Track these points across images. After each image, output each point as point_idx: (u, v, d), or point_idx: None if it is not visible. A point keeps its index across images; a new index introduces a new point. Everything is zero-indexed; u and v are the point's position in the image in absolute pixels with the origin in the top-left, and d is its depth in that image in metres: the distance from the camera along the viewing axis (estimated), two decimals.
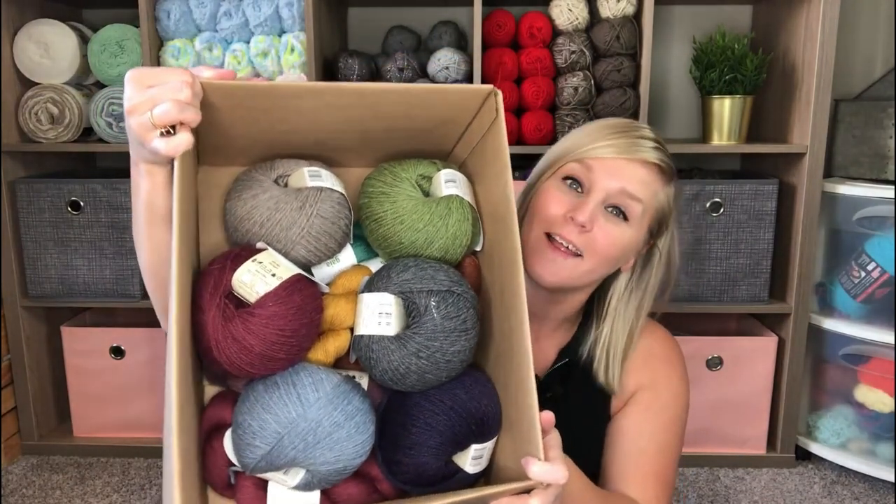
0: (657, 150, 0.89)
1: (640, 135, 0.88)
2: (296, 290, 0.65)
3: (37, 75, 1.77)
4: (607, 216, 0.86)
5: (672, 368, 0.97)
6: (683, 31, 1.98)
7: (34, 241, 1.78)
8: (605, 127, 0.89)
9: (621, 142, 0.86)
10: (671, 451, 0.93)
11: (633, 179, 0.86)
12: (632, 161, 0.86)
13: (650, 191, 0.87)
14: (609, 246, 0.86)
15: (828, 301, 1.79)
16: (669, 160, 0.90)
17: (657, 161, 0.88)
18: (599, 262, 0.87)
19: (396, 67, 1.71)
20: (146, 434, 1.89)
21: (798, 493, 1.71)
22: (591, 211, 0.85)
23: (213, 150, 0.74)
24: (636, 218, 0.87)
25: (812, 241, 1.71)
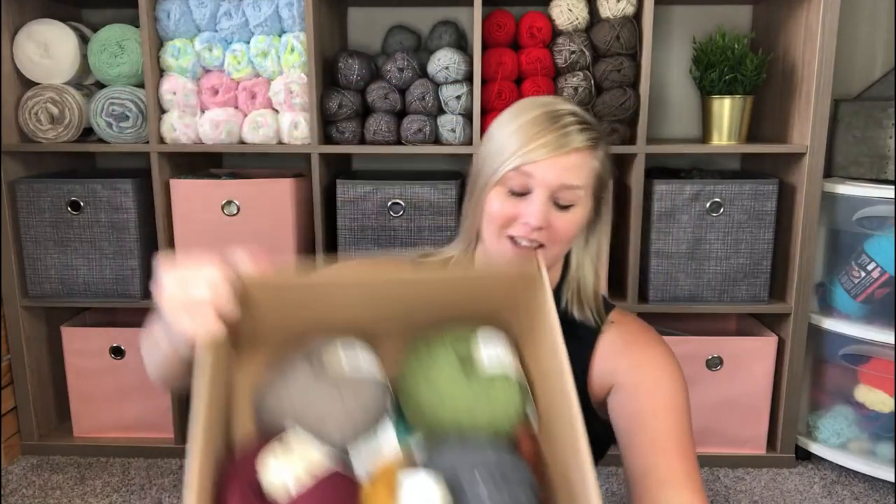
0: (584, 129, 0.90)
1: (564, 123, 0.89)
2: (331, 489, 0.59)
3: (37, 75, 1.77)
4: (555, 208, 0.90)
5: (652, 348, 0.97)
6: (683, 31, 1.98)
7: (34, 241, 1.78)
8: (529, 124, 0.90)
9: (550, 138, 0.88)
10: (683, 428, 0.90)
11: (569, 172, 0.89)
12: (565, 154, 0.88)
13: (587, 170, 0.91)
14: (567, 231, 0.91)
15: (828, 301, 1.79)
16: (594, 128, 0.92)
17: (586, 143, 0.90)
18: (562, 246, 0.93)
19: (396, 67, 1.71)
20: (146, 434, 1.89)
21: (798, 493, 1.71)
22: (540, 211, 0.88)
23: (244, 335, 0.72)
24: (580, 199, 0.91)
25: (812, 241, 1.71)
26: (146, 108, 1.74)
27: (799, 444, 1.83)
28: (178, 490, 1.71)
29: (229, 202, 1.74)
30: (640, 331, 1.01)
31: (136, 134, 1.76)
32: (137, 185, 1.76)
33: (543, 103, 0.93)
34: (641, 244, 1.75)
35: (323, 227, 1.77)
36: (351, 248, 1.75)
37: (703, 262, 1.74)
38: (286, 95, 1.72)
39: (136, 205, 1.76)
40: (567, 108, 0.92)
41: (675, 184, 1.71)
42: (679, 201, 1.71)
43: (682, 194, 1.71)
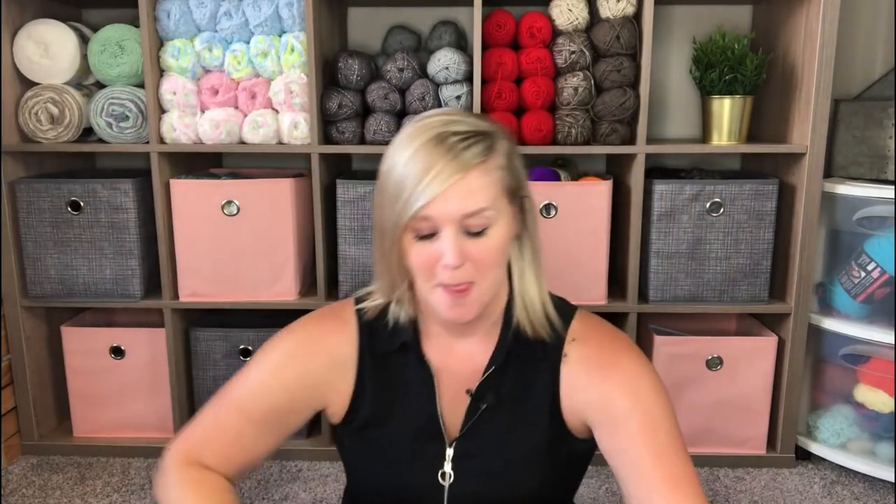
0: (469, 142, 0.83)
1: (448, 146, 0.81)
2: None
3: (37, 75, 1.77)
4: (469, 238, 0.83)
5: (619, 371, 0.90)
6: (683, 31, 1.98)
7: (34, 241, 1.78)
8: (413, 160, 0.82)
9: (437, 171, 0.80)
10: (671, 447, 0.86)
11: (468, 198, 0.82)
12: (457, 182, 0.81)
13: (488, 186, 0.83)
14: (489, 259, 0.85)
15: (828, 301, 1.79)
16: (482, 133, 0.84)
17: (478, 157, 0.82)
18: (491, 274, 0.86)
19: (396, 67, 1.71)
20: (146, 434, 1.89)
21: (798, 493, 1.71)
22: (453, 249, 0.82)
23: None
24: (492, 219, 0.84)
25: (812, 241, 1.71)
26: (146, 108, 1.74)
27: (799, 444, 1.83)
28: None
29: (229, 202, 1.74)
30: (602, 346, 0.93)
31: (136, 134, 1.76)
32: (137, 185, 1.76)
33: (423, 131, 0.84)
34: (641, 244, 1.75)
35: (323, 227, 1.77)
36: (351, 248, 1.75)
37: (703, 262, 1.74)
38: (286, 95, 1.72)
39: (136, 205, 1.76)
40: (450, 125, 0.84)
41: (675, 184, 1.71)
42: (679, 201, 1.71)
43: (682, 194, 1.71)
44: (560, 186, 1.73)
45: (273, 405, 0.93)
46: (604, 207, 1.73)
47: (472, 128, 0.85)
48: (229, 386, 0.95)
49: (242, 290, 1.79)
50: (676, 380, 1.78)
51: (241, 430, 0.92)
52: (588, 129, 1.72)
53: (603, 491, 1.71)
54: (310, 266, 1.88)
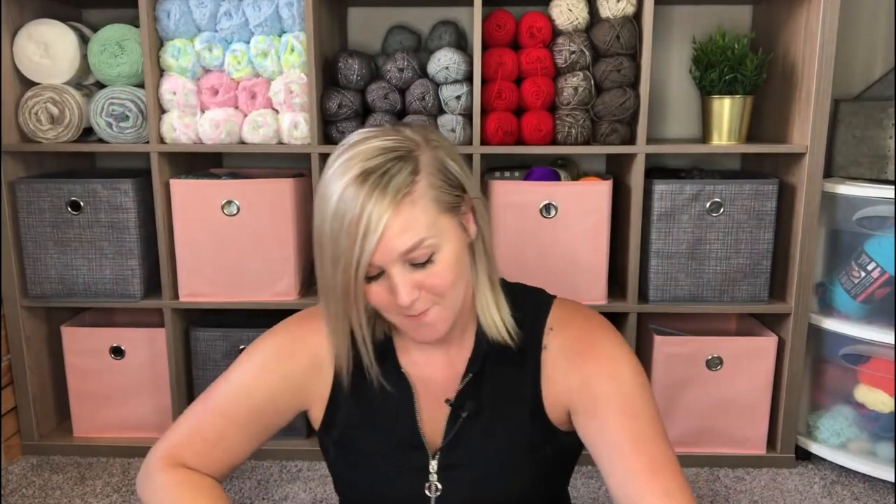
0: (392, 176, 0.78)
1: (370, 188, 0.77)
2: None
3: (37, 75, 1.77)
4: (417, 269, 0.81)
5: (599, 355, 0.89)
6: (683, 31, 1.98)
7: (34, 241, 1.78)
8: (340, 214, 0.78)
9: (367, 219, 0.77)
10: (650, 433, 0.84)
11: (402, 236, 0.78)
12: (389, 223, 0.78)
13: (418, 216, 0.79)
14: (442, 281, 0.82)
15: (828, 301, 1.79)
16: (403, 157, 0.80)
17: (399, 194, 0.78)
18: (451, 292, 0.84)
19: (396, 67, 1.71)
20: (146, 434, 1.89)
21: (798, 493, 1.71)
22: (403, 289, 0.80)
23: None
24: (436, 245, 0.81)
25: (812, 241, 1.71)
26: (146, 108, 1.74)
27: (799, 444, 1.83)
28: None
29: (229, 202, 1.74)
30: (580, 332, 0.92)
31: (136, 134, 1.76)
32: (137, 185, 1.76)
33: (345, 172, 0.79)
34: (641, 244, 1.75)
35: None
36: None
37: (703, 262, 1.74)
38: (286, 95, 1.72)
39: (136, 205, 1.76)
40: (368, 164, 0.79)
41: (675, 184, 1.71)
42: (679, 201, 1.71)
43: (682, 194, 1.71)
44: (560, 186, 1.73)
45: (255, 407, 0.93)
46: (604, 207, 1.73)
47: (387, 154, 0.80)
48: (212, 388, 0.96)
49: (242, 290, 1.79)
50: (676, 380, 1.78)
51: (224, 432, 0.93)
52: (588, 129, 1.72)
53: (603, 491, 1.71)
54: (310, 266, 1.88)
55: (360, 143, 0.82)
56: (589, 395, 0.87)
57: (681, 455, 1.81)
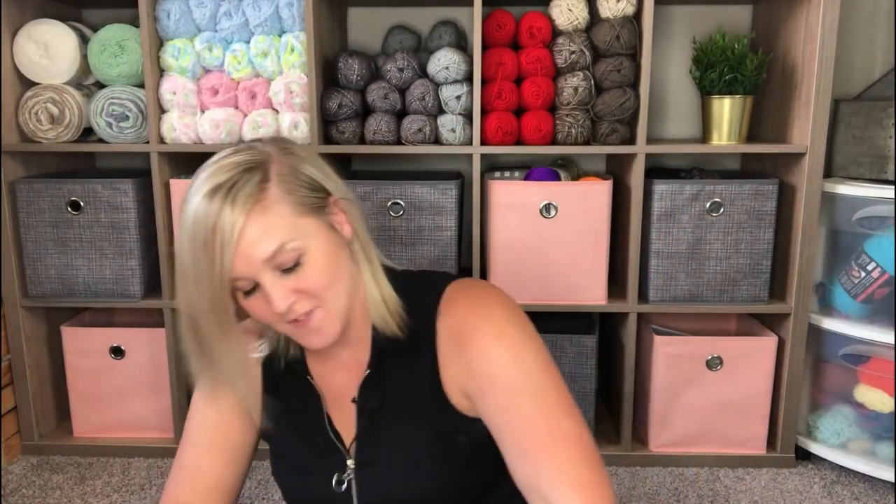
0: (239, 188, 0.78)
1: (216, 210, 0.77)
2: None
3: (37, 75, 1.77)
4: (288, 274, 0.81)
5: (479, 337, 0.85)
6: (683, 31, 1.98)
7: (34, 241, 1.78)
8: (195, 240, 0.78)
9: (220, 233, 0.77)
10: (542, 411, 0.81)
11: (260, 244, 0.78)
12: (241, 239, 0.78)
13: (275, 220, 0.79)
14: (317, 281, 0.82)
15: (828, 301, 1.79)
16: (250, 168, 0.80)
17: (248, 203, 0.78)
18: (331, 291, 0.84)
19: (396, 67, 1.71)
20: (146, 434, 1.89)
21: (798, 493, 1.71)
22: (277, 296, 0.80)
23: None
24: (301, 246, 0.81)
25: (812, 241, 1.71)
26: (146, 108, 1.74)
27: (799, 444, 1.83)
28: None
29: None
30: (465, 314, 0.88)
31: (136, 134, 1.76)
32: (137, 185, 1.76)
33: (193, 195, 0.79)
34: (641, 244, 1.75)
35: None
36: None
37: (703, 262, 1.74)
38: (286, 95, 1.72)
39: (136, 205, 1.76)
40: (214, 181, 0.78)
41: (675, 184, 1.71)
42: (679, 201, 1.71)
43: (682, 194, 1.71)
44: (560, 186, 1.73)
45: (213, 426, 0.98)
46: (604, 207, 1.73)
47: (236, 168, 0.79)
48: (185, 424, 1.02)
49: None
50: (676, 380, 1.78)
51: (199, 460, 0.97)
52: (588, 129, 1.72)
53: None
54: None
55: (213, 163, 0.82)
56: (475, 379, 0.85)
57: (681, 455, 1.81)
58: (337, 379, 0.95)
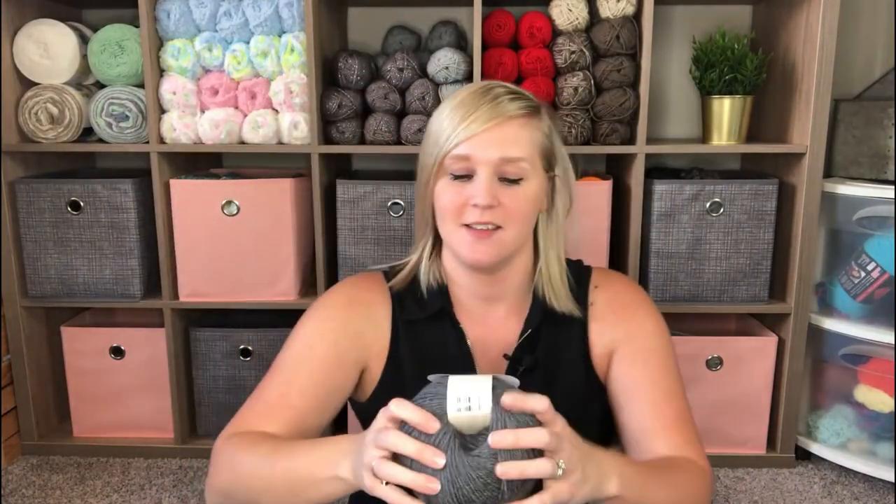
0: (514, 98, 0.89)
1: (493, 96, 0.88)
2: None
3: (37, 75, 1.77)
4: (504, 185, 0.88)
5: (642, 312, 0.98)
6: (683, 31, 1.98)
7: (34, 241, 1.78)
8: (458, 107, 0.89)
9: (479, 114, 0.87)
10: (678, 391, 0.94)
11: (506, 143, 0.87)
12: (497, 126, 0.87)
13: (527, 141, 0.89)
14: (520, 208, 0.89)
15: (828, 301, 1.79)
16: (529, 98, 0.91)
17: (520, 111, 0.88)
18: (519, 224, 0.90)
19: (396, 67, 1.71)
20: (146, 434, 1.89)
21: (798, 493, 1.71)
22: (487, 189, 0.86)
23: None
24: (527, 173, 0.89)
25: (812, 241, 1.71)
26: (146, 108, 1.74)
27: (799, 444, 1.83)
28: (178, 490, 1.71)
29: (229, 202, 1.74)
30: (625, 292, 1.01)
31: (136, 134, 1.76)
32: (137, 185, 1.76)
33: (473, 86, 0.92)
34: (641, 244, 1.75)
35: (323, 227, 1.77)
36: (351, 248, 1.75)
37: (703, 262, 1.74)
38: (286, 95, 1.72)
39: (136, 205, 1.76)
40: (496, 84, 0.92)
41: (675, 184, 1.71)
42: (679, 201, 1.71)
43: (682, 194, 1.71)
44: None
45: (319, 361, 0.93)
46: (604, 207, 1.72)
47: (517, 90, 0.91)
48: (274, 362, 0.96)
49: (242, 290, 1.79)
50: None
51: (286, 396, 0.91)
52: (588, 129, 1.72)
53: None
54: (310, 266, 1.88)
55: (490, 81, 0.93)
56: (632, 346, 0.95)
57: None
58: (483, 332, 0.97)
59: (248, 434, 0.88)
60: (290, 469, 0.81)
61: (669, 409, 0.92)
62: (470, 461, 0.68)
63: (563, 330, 0.97)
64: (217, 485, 0.88)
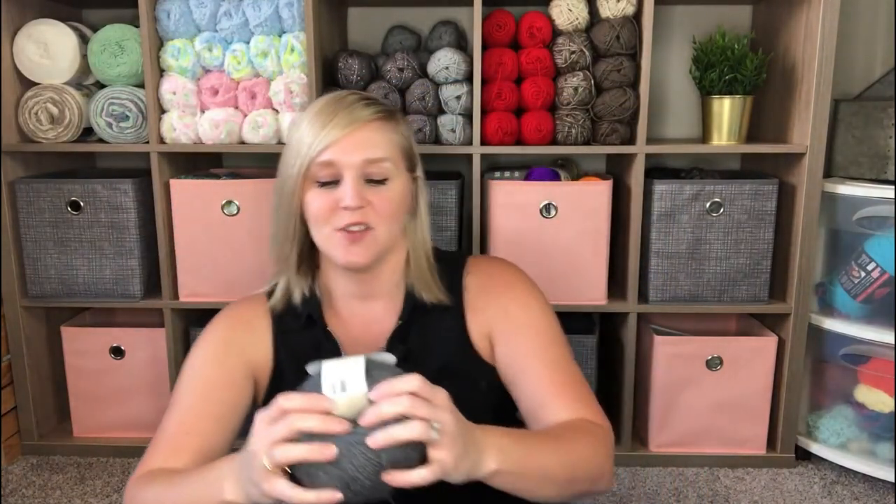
0: (368, 104, 0.93)
1: (347, 103, 0.92)
2: None
3: (37, 75, 1.77)
4: (371, 186, 0.92)
5: (515, 290, 1.01)
6: (683, 31, 1.98)
7: (34, 241, 1.78)
8: (316, 115, 0.93)
9: (337, 120, 0.90)
10: (563, 359, 0.96)
11: (367, 145, 0.91)
12: (357, 130, 0.90)
13: (386, 142, 0.93)
14: (388, 207, 0.92)
15: (828, 301, 1.79)
16: (382, 104, 0.96)
17: (375, 115, 0.93)
18: (389, 222, 0.94)
19: (396, 67, 1.71)
20: (146, 434, 1.89)
21: (798, 493, 1.71)
22: (354, 190, 0.89)
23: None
24: (391, 172, 0.93)
25: (812, 241, 1.71)
26: (146, 108, 1.74)
27: (799, 444, 1.83)
28: None
29: (229, 202, 1.74)
30: (498, 274, 1.04)
31: (136, 134, 1.76)
32: (137, 185, 1.76)
33: (326, 97, 0.96)
34: (641, 244, 1.75)
35: None
36: None
37: (703, 262, 1.74)
38: (286, 95, 1.72)
39: (136, 205, 1.76)
40: (350, 93, 0.96)
41: (675, 184, 1.71)
42: (679, 201, 1.71)
43: (682, 194, 1.71)
44: (560, 186, 1.73)
45: (208, 382, 0.96)
46: (604, 207, 1.73)
47: (370, 97, 0.96)
48: (170, 401, 1.00)
49: (242, 290, 1.77)
50: (676, 380, 1.78)
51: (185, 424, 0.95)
52: (588, 129, 1.72)
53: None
54: None
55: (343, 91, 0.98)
56: (507, 322, 0.98)
57: (681, 455, 1.81)
58: (355, 331, 1.00)
59: (150, 473, 0.91)
60: (180, 502, 0.83)
61: (557, 375, 0.94)
62: (350, 439, 0.70)
63: (435, 319, 1.00)
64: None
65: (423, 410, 0.69)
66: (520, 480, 0.80)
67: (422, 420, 0.69)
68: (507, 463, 0.78)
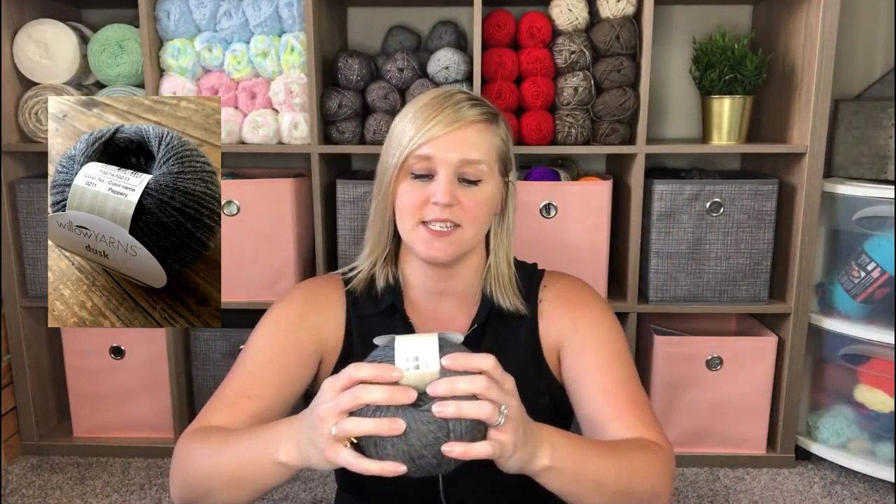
0: (474, 105, 0.94)
1: (455, 101, 0.93)
2: None
3: (37, 75, 1.77)
4: (463, 186, 0.93)
5: (589, 306, 1.03)
6: (683, 31, 1.98)
7: (34, 241, 1.78)
8: (422, 109, 0.94)
9: (441, 118, 0.91)
10: (630, 376, 0.97)
11: (466, 146, 0.91)
12: (459, 129, 0.91)
13: (485, 145, 0.93)
14: (477, 209, 0.93)
15: (828, 301, 1.79)
16: (488, 106, 0.97)
17: (479, 116, 0.93)
18: (476, 224, 0.95)
19: (396, 67, 1.71)
20: (146, 434, 1.89)
21: (798, 493, 1.71)
22: (447, 188, 0.90)
23: None
24: (485, 175, 0.94)
25: (812, 241, 1.71)
26: None
27: (799, 444, 1.83)
28: None
29: (229, 202, 1.74)
30: (573, 290, 1.06)
31: None
32: None
33: (435, 91, 0.97)
34: (641, 244, 1.75)
35: (323, 227, 1.77)
36: (351, 248, 1.75)
37: (703, 262, 1.74)
38: (286, 95, 1.72)
39: None
40: (457, 90, 0.97)
41: (675, 184, 1.71)
42: (679, 201, 1.71)
43: (682, 194, 1.71)
44: (560, 186, 1.73)
45: (277, 351, 0.97)
46: (604, 207, 1.73)
47: (477, 97, 0.96)
48: (236, 361, 1.01)
49: (242, 290, 1.79)
50: (676, 380, 1.78)
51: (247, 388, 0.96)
52: (588, 129, 1.72)
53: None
54: (310, 266, 1.88)
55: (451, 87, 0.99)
56: (578, 336, 0.99)
57: (681, 455, 1.81)
58: (431, 326, 1.01)
59: (204, 429, 0.91)
60: (234, 459, 0.83)
61: (622, 392, 0.94)
62: (419, 416, 0.70)
63: (510, 326, 1.02)
64: (175, 481, 0.91)
65: (495, 393, 0.70)
66: (572, 482, 0.80)
67: (491, 402, 0.70)
68: (560, 460, 0.78)
